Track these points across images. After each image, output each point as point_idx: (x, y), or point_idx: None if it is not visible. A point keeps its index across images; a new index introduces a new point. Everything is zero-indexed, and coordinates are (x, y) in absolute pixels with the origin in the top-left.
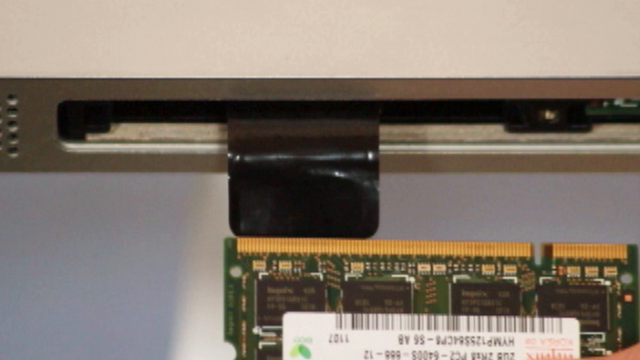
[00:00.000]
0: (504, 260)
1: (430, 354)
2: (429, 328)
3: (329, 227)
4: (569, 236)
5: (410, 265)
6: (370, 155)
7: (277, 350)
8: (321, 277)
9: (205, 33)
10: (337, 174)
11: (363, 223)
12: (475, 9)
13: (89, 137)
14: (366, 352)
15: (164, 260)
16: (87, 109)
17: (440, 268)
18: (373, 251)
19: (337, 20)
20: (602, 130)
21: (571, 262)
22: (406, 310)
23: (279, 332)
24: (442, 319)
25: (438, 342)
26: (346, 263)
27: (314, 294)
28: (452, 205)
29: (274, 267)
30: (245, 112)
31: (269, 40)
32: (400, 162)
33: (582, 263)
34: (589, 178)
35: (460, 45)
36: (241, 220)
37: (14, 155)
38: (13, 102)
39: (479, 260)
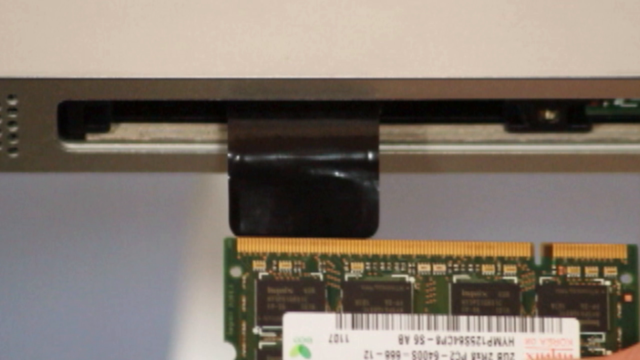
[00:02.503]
0: (504, 260)
1: (430, 354)
2: (429, 328)
3: (329, 227)
4: (569, 236)
5: (410, 265)
6: (370, 155)
7: (277, 350)
8: (321, 277)
9: (205, 33)
10: (337, 174)
11: (363, 223)
12: (475, 9)
13: (89, 137)
14: (366, 352)
15: (164, 260)
16: (87, 109)
17: (440, 268)
18: (373, 251)
19: (337, 20)
20: (602, 130)
21: (571, 262)
22: (406, 310)
23: (279, 332)
24: (442, 319)
25: (438, 342)
26: (346, 263)
27: (314, 294)
28: (452, 205)
29: (274, 267)
30: (245, 112)
31: (269, 40)
32: (400, 162)
33: (582, 263)
34: (589, 178)
35: (460, 45)
36: (241, 220)
37: (14, 155)
38: (13, 102)
39: (479, 260)
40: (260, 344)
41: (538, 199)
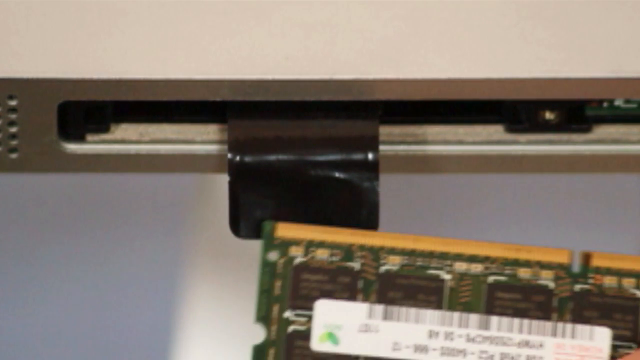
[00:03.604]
0: (541, 265)
1: (459, 351)
2: (459, 325)
3: None
4: (569, 235)
5: (447, 262)
6: (370, 156)
7: (306, 335)
8: (357, 267)
9: (205, 33)
10: (337, 174)
11: (363, 224)
12: (475, 9)
13: (89, 137)
14: (395, 344)
15: (164, 261)
16: (87, 109)
17: (477, 268)
18: (411, 246)
19: (337, 21)
20: (602, 131)
21: (609, 272)
22: (439, 306)
23: (310, 318)
24: (473, 318)
25: (467, 340)
26: (383, 256)
27: (348, 283)
28: (452, 205)
29: (311, 254)
30: (245, 112)
31: (269, 40)
32: (400, 162)
33: (620, 274)
34: (590, 178)
35: (460, 46)
36: (241, 221)
37: (14, 155)
38: (13, 102)
39: (516, 262)
40: (290, 328)
41: (537, 199)
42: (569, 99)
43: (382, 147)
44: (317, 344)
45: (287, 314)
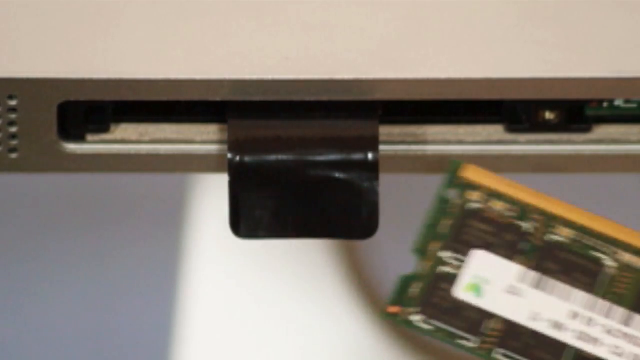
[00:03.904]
0: None
1: (593, 339)
2: (604, 315)
3: (329, 228)
4: None
5: (614, 249)
6: (370, 156)
7: (452, 280)
8: (527, 228)
9: (205, 34)
10: (337, 174)
11: (363, 224)
12: (475, 9)
13: (89, 137)
14: (535, 314)
15: (163, 260)
16: (87, 109)
17: None
18: (585, 223)
19: (337, 21)
20: (602, 131)
21: None
22: (590, 290)
23: (463, 264)
24: (619, 311)
25: (606, 331)
26: (556, 225)
27: (511, 242)
28: None
29: (488, 203)
30: (245, 112)
31: (268, 40)
32: (400, 162)
33: None
34: (590, 178)
35: (460, 46)
36: (241, 221)
37: (14, 155)
38: (13, 102)
39: None
40: (442, 268)
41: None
42: (569, 99)
43: (382, 147)
44: (461, 291)
45: (444, 254)
